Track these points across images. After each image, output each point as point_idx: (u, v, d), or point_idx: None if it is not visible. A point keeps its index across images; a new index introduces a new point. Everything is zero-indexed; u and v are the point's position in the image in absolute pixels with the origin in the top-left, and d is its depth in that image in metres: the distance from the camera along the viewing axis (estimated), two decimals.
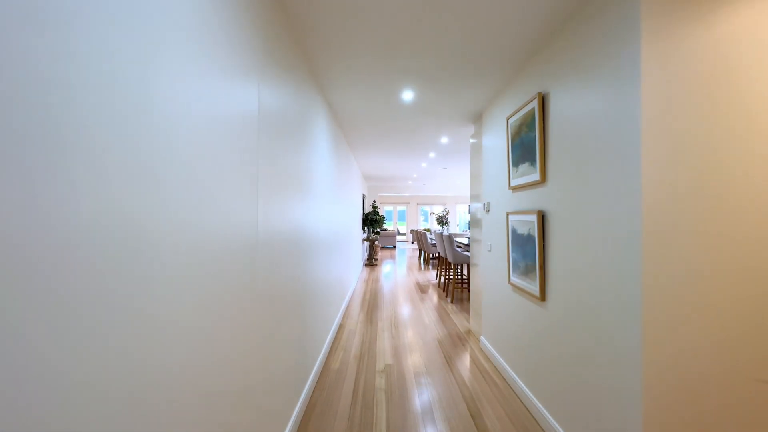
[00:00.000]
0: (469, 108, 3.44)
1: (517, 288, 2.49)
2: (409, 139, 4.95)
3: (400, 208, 18.09)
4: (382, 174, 9.21)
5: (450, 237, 5.24)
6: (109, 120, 0.66)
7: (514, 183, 2.54)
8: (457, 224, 16.86)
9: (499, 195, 2.91)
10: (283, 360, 1.84)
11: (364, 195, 9.40)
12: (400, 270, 8.33)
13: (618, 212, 1.46)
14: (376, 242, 9.04)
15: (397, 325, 4.10)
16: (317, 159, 2.83)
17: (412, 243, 16.51)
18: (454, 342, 3.54)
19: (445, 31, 2.03)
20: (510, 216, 2.60)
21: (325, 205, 3.25)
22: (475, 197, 3.85)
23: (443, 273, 7.27)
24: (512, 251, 2.56)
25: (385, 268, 8.71)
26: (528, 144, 2.30)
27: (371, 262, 9.11)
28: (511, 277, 2.58)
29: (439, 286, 6.40)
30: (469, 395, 2.47)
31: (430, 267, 8.89)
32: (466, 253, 5.26)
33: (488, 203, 3.22)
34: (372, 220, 9.02)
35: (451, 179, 10.43)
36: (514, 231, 2.53)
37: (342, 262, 4.73)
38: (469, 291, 5.67)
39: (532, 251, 2.23)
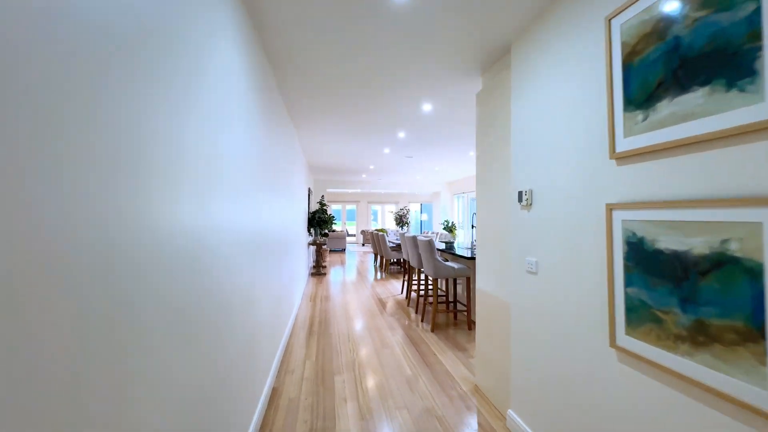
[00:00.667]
0: (492, 31, 2.10)
1: (654, 367, 1.18)
2: (376, 105, 3.52)
3: (349, 206, 16.62)
4: (333, 164, 7.68)
5: (429, 243, 3.91)
6: None
7: (634, 143, 1.23)
8: (411, 224, 15.79)
9: (568, 175, 1.60)
10: None
11: (310, 190, 7.79)
12: (355, 279, 6.88)
13: None
14: (325, 246, 7.51)
15: (365, 381, 2.65)
16: (213, 118, 1.29)
17: (363, 245, 15.12)
18: (461, 416, 2.18)
19: None
20: (620, 212, 1.29)
21: (240, 198, 1.71)
22: (483, 185, 2.54)
23: (414, 287, 5.95)
24: (633, 284, 1.25)
25: (336, 277, 7.19)
26: (722, 43, 0.99)
27: (319, 270, 7.53)
28: (621, 337, 1.27)
29: (408, 305, 5.05)
30: None
31: (388, 274, 7.55)
32: (452, 265, 3.96)
33: (529, 191, 1.91)
34: (320, 220, 7.45)
35: (410, 173, 9.19)
36: (640, 246, 1.21)
37: (278, 281, 3.20)
38: (452, 314, 4.37)
39: (739, 298, 0.92)
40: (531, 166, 1.89)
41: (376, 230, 15.29)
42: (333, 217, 9.38)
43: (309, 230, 7.31)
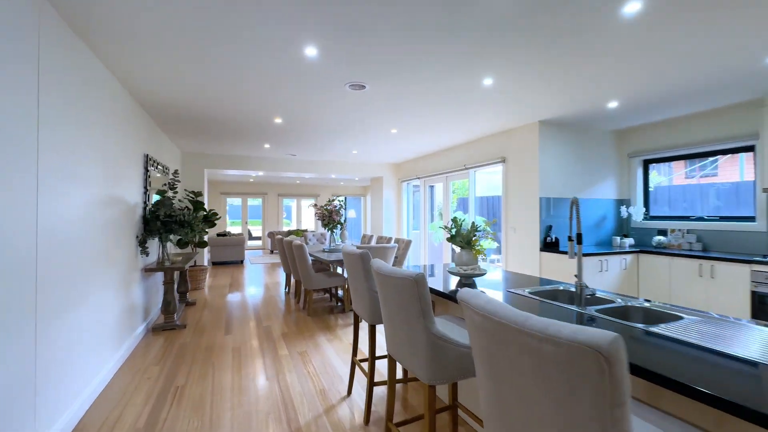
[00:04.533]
0: None
1: None
2: None
3: (253, 200, 12.56)
4: (206, 107, 3.97)
5: None
6: None
7: None
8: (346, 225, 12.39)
9: None
10: None
11: (149, 158, 3.93)
12: (245, 337, 3.36)
13: None
14: (191, 265, 3.74)
15: None
16: None
17: (273, 252, 11.28)
18: None
19: None
20: None
21: None
22: None
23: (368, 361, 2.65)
24: None
25: (205, 329, 3.56)
26: None
27: (171, 319, 3.77)
28: None
29: None
30: None
31: (309, 314, 4.16)
32: None
33: None
34: (170, 221, 3.67)
35: (347, 142, 5.92)
36: None
37: None
38: None
39: None
40: None
41: (284, 234, 11.35)
42: (214, 213, 5.56)
43: (142, 243, 3.50)
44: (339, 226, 5.31)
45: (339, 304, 4.85)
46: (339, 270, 6.11)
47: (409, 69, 2.68)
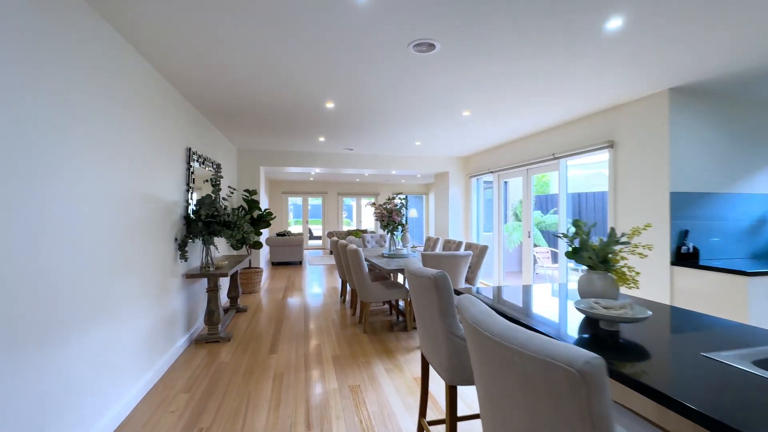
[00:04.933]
0: None
1: None
2: None
3: (314, 199, 12.44)
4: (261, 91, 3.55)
5: None
6: None
7: None
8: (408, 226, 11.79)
9: None
10: None
11: (192, 152, 3.59)
12: (292, 356, 2.84)
13: None
14: (243, 266, 3.34)
15: None
16: None
17: (331, 253, 11.01)
18: None
19: None
20: None
21: None
22: None
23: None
24: None
25: (250, 340, 3.12)
26: None
27: (215, 332, 3.40)
28: None
29: None
30: None
31: (366, 332, 3.54)
32: None
33: None
34: (212, 221, 3.28)
35: (412, 129, 5.23)
36: None
37: None
38: None
39: None
40: None
41: (342, 235, 10.99)
42: (269, 212, 5.24)
43: (182, 246, 3.14)
44: (400, 227, 4.63)
45: (400, 319, 4.18)
46: (400, 278, 5.43)
47: (497, 10, 1.89)
